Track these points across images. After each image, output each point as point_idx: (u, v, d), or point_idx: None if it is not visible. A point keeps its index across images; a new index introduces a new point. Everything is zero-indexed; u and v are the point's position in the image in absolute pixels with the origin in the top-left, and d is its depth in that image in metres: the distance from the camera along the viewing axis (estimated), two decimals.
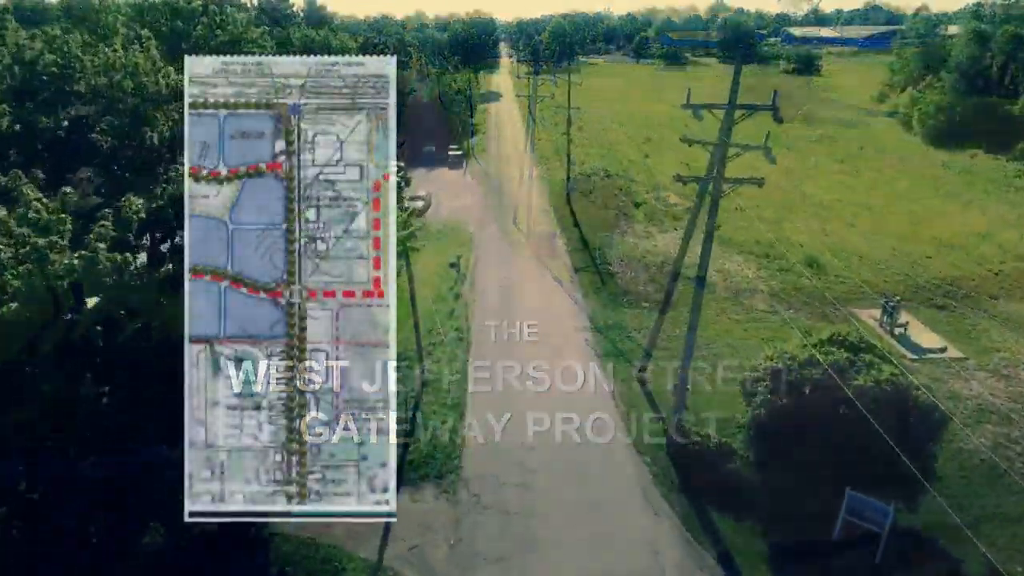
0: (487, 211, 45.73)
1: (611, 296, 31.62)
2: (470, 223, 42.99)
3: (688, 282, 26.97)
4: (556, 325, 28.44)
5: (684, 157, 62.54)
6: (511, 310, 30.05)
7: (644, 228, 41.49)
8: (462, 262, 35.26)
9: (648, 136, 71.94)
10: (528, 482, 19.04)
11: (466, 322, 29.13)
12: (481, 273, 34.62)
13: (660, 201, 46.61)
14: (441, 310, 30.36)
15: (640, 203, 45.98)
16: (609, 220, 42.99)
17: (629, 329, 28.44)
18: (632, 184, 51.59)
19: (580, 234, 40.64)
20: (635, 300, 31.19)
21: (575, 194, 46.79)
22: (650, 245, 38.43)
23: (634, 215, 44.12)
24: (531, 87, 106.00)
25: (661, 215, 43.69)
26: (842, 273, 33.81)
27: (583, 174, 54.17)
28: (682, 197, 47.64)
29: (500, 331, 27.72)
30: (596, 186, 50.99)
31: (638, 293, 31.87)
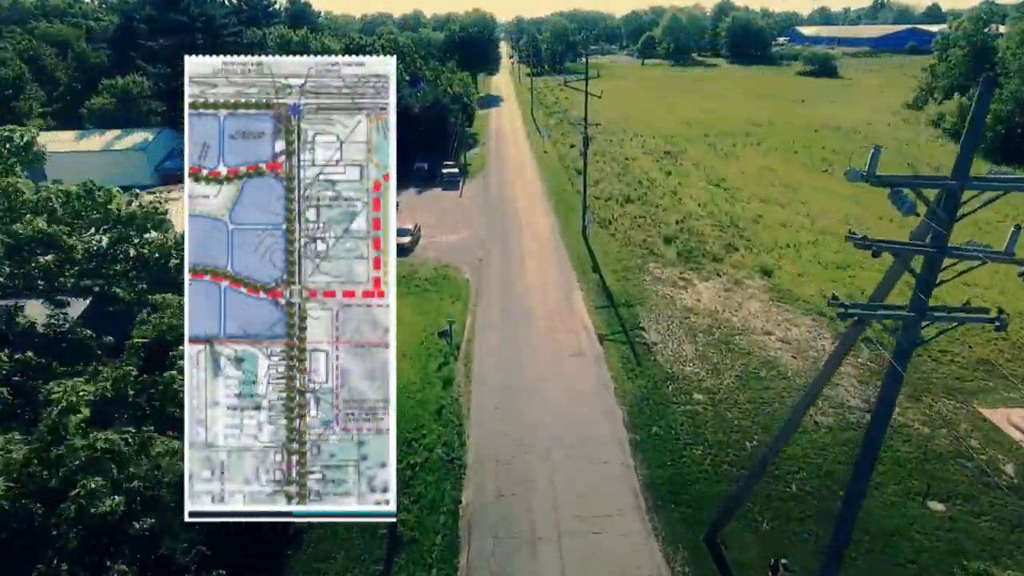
0: (488, 249, 37.97)
1: (652, 386, 23.85)
2: (466, 267, 35.23)
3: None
4: (584, 447, 20.56)
5: (712, 175, 55.11)
6: (520, 410, 22.33)
7: (679, 273, 33.76)
8: (456, 327, 27.55)
9: (667, 148, 64.20)
10: None
11: (458, 429, 21.40)
12: (480, 345, 26.87)
13: (693, 235, 38.87)
14: (426, 405, 22.66)
15: (670, 238, 38.23)
16: (635, 262, 35.26)
17: (688, 462, 20.60)
18: (657, 211, 43.86)
19: (601, 281, 32.91)
20: (684, 390, 23.46)
21: (592, 227, 38.97)
22: (691, 299, 30.70)
23: (664, 254, 36.38)
24: (532, 90, 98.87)
25: (698, 254, 35.95)
26: None
27: (598, 197, 46.46)
28: (718, 228, 39.94)
29: (505, 450, 20.08)
30: (615, 215, 43.27)
31: (689, 381, 24.12)
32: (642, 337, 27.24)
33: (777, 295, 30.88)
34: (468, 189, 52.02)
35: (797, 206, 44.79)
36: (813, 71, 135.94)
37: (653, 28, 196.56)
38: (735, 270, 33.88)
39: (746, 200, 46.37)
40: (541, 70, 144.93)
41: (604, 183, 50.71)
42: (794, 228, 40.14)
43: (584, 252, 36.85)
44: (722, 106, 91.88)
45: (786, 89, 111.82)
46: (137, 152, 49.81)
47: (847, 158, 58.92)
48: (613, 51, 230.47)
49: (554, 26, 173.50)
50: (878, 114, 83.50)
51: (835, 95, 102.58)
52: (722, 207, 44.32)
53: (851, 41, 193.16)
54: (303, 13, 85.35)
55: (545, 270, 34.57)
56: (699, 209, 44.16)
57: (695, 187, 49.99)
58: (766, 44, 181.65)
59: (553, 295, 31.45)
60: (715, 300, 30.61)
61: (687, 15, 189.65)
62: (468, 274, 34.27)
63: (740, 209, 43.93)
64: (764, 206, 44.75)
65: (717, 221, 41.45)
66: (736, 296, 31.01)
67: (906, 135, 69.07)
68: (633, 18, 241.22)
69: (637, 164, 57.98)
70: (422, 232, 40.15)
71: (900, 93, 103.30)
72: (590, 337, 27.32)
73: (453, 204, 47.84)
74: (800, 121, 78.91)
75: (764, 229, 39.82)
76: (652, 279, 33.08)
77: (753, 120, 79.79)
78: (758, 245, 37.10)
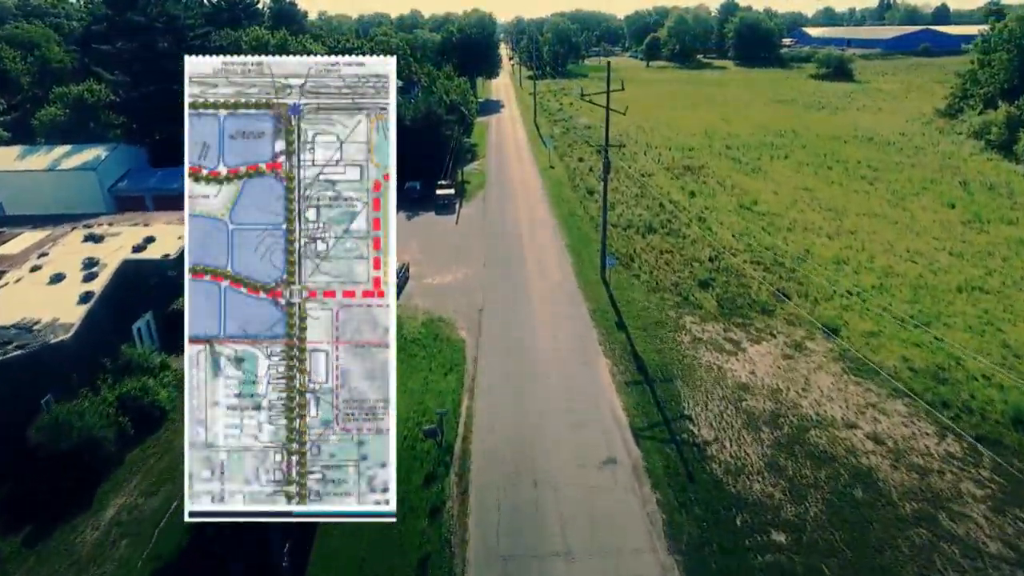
0: (489, 295, 31.73)
1: (713, 519, 17.60)
2: (462, 321, 28.99)
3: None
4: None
5: (742, 196, 48.64)
6: (542, 564, 16.07)
7: (723, 331, 27.55)
8: (448, 416, 21.30)
9: (686, 163, 57.97)
10: None
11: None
12: (481, 447, 20.60)
13: (733, 277, 32.67)
14: (404, 550, 16.43)
15: (707, 282, 32.00)
16: (668, 314, 29.05)
17: None
18: (686, 244, 37.63)
19: (629, 342, 26.69)
20: (758, 526, 17.23)
21: (613, 269, 32.62)
22: (743, 370, 24.50)
23: (701, 303, 30.15)
24: (535, 95, 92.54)
25: (743, 304, 29.76)
26: None
27: (615, 225, 40.24)
28: (761, 267, 33.73)
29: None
30: (637, 248, 37.03)
31: (762, 511, 17.87)
32: (690, 432, 20.99)
33: (850, 365, 24.65)
34: (466, 213, 45.76)
35: (846, 237, 38.56)
36: (827, 74, 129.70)
37: (658, 29, 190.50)
38: (791, 327, 27.66)
39: (786, 228, 40.16)
40: (543, 73, 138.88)
41: (621, 207, 44.45)
42: (851, 267, 33.92)
43: (605, 300, 30.59)
44: (738, 113, 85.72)
45: (803, 93, 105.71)
46: (86, 172, 43.53)
47: (889, 174, 52.78)
48: (615, 52, 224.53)
49: (556, 27, 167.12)
50: (908, 122, 77.37)
51: (856, 100, 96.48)
52: (760, 238, 38.11)
53: (861, 42, 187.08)
54: (288, 13, 79.04)
55: (560, 326, 28.30)
56: (734, 241, 37.94)
57: (725, 211, 43.77)
58: (775, 46, 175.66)
59: (572, 364, 25.16)
60: (774, 372, 24.39)
61: (693, 15, 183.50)
62: (464, 331, 28.01)
63: (782, 241, 37.71)
64: (809, 237, 38.53)
65: (758, 257, 35.22)
66: (800, 366, 24.79)
67: (946, 147, 62.87)
68: (636, 18, 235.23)
69: (655, 182, 51.74)
70: (411, 271, 33.92)
71: (925, 98, 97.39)
72: (623, 433, 21.04)
73: (448, 233, 41.57)
74: (825, 130, 72.77)
75: (815, 268, 33.61)
76: (691, 340, 26.84)
77: (774, 128, 73.66)
78: (813, 291, 30.88)
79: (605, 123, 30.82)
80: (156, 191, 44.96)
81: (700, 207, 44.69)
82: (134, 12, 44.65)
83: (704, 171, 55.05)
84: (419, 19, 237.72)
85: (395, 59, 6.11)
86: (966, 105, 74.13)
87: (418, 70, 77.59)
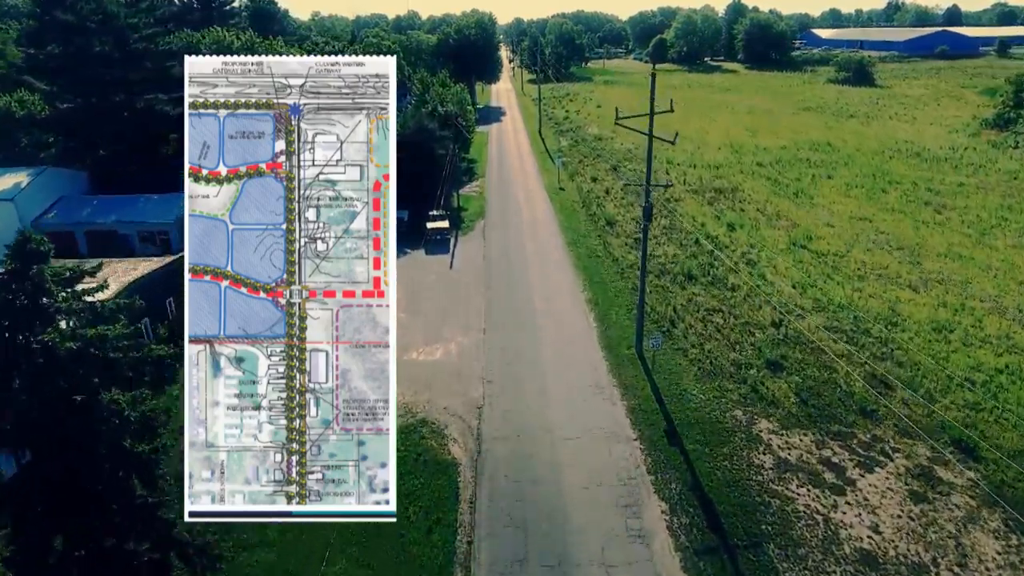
0: (492, 382, 23.97)
1: None
2: (455, 429, 21.26)
3: None
4: None
5: (793, 229, 39.99)
6: None
7: (815, 445, 19.90)
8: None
9: (717, 184, 50.33)
10: None
11: None
12: None
13: (807, 353, 25.02)
14: None
15: (777, 363, 24.30)
16: (733, 415, 21.39)
17: None
18: (736, 299, 29.95)
19: (689, 471, 19.04)
20: None
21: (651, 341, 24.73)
22: (862, 524, 16.84)
23: (775, 396, 22.43)
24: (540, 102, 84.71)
25: (832, 402, 22.11)
26: None
27: (650, 271, 32.52)
28: (843, 337, 26.11)
29: None
30: (677, 304, 29.40)
31: None
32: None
33: (1009, 513, 17.01)
34: (462, 251, 38.10)
35: (936, 288, 30.97)
36: (847, 78, 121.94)
37: (664, 30, 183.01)
38: (909, 441, 20.01)
39: (856, 275, 32.54)
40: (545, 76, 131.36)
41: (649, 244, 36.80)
42: (956, 337, 26.29)
43: (646, 391, 22.87)
44: (763, 122, 78.15)
45: (826, 100, 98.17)
46: (3, 204, 35.90)
47: (956, 199, 45.20)
48: (619, 55, 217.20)
49: (559, 28, 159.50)
50: (951, 133, 69.84)
51: (885, 108, 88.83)
52: (828, 291, 30.48)
53: (874, 44, 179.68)
54: (266, 13, 71.41)
55: (590, 438, 20.55)
56: (796, 294, 30.32)
57: (775, 250, 36.15)
58: (787, 48, 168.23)
59: (611, 516, 17.43)
60: (907, 529, 16.76)
61: (702, 16, 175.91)
62: (458, 447, 20.30)
63: (856, 294, 30.12)
64: (888, 289, 30.91)
65: (833, 320, 27.57)
66: (940, 516, 17.16)
67: (1007, 164, 55.30)
68: (640, 19, 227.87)
69: (684, 209, 44.17)
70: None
71: (960, 105, 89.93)
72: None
73: (440, 280, 33.88)
74: (864, 143, 65.21)
75: (912, 339, 26.01)
76: (774, 463, 19.20)
77: (807, 140, 66.11)
78: (920, 378, 23.27)
79: (647, 157, 23.14)
80: (89, 225, 37.29)
81: (744, 244, 37.04)
82: (63, 10, 36.99)
83: (739, 195, 47.44)
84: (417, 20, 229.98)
85: (395, 59, 5.94)
86: (1020, 116, 66.72)
87: (411, 75, 70.01)
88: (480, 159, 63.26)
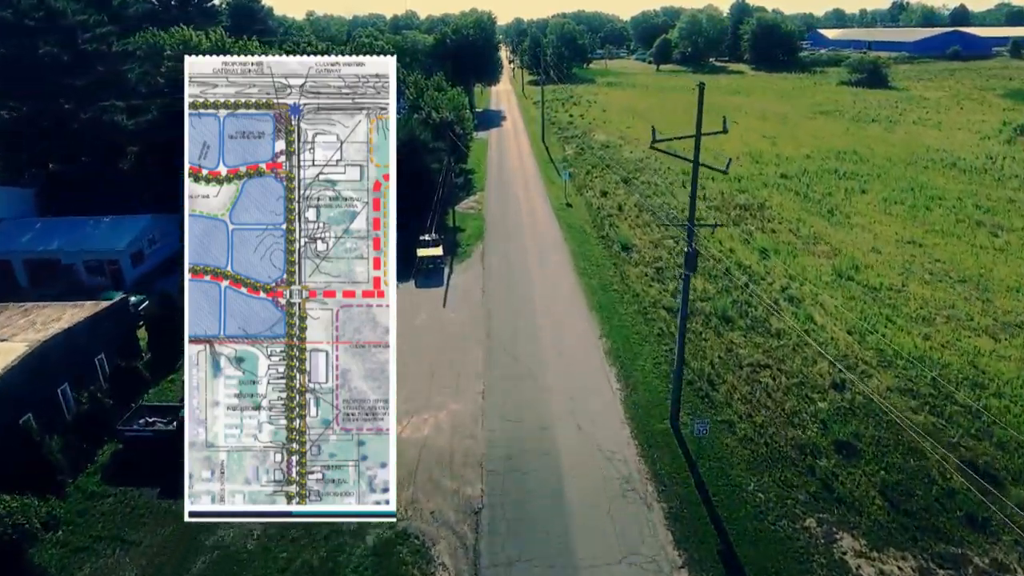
0: (493, 474, 19.07)
1: None
2: (445, 542, 16.41)
3: None
4: None
5: (835, 257, 34.80)
6: None
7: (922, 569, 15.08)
8: None
9: (740, 200, 45.50)
10: None
11: None
12: None
13: (884, 427, 20.17)
14: None
15: (849, 444, 19.43)
16: (806, 535, 16.54)
17: None
18: (784, 352, 25.09)
19: None
20: None
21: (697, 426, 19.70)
22: None
23: (857, 498, 17.58)
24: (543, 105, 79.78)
25: (932, 505, 17.28)
26: None
27: (677, 310, 27.75)
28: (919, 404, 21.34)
29: None
30: (713, 358, 24.58)
31: None
32: None
33: None
34: (458, 282, 33.20)
35: (1018, 335, 26.18)
36: (860, 80, 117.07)
37: (667, 30, 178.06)
38: None
39: (919, 317, 27.73)
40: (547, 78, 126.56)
41: (675, 276, 32.01)
42: None
43: (687, 487, 17.99)
44: (780, 128, 73.40)
45: (842, 103, 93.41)
46: None
47: (1010, 219, 40.43)
48: (621, 55, 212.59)
49: (560, 28, 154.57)
50: (982, 140, 65.11)
51: (906, 112, 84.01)
52: (894, 339, 25.67)
53: (882, 45, 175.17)
54: (246, 11, 66.47)
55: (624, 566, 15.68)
56: (854, 342, 25.47)
57: (819, 283, 31.32)
58: (794, 49, 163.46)
59: None
60: None
61: (707, 16, 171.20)
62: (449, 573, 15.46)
63: (929, 346, 25.29)
64: (961, 335, 26.10)
65: (906, 380, 22.71)
66: None
67: None
68: (642, 19, 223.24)
69: (708, 231, 39.33)
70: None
71: (984, 109, 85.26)
72: None
73: (432, 323, 28.97)
74: (892, 151, 60.47)
75: (1006, 407, 21.21)
76: None
77: (831, 149, 61.36)
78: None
79: (691, 190, 18.27)
80: (28, 253, 32.44)
81: (782, 276, 32.20)
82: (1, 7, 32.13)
83: (767, 213, 42.62)
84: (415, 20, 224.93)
85: (395, 59, 5.89)
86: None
87: (404, 77, 65.14)
88: (479, 169, 58.37)
